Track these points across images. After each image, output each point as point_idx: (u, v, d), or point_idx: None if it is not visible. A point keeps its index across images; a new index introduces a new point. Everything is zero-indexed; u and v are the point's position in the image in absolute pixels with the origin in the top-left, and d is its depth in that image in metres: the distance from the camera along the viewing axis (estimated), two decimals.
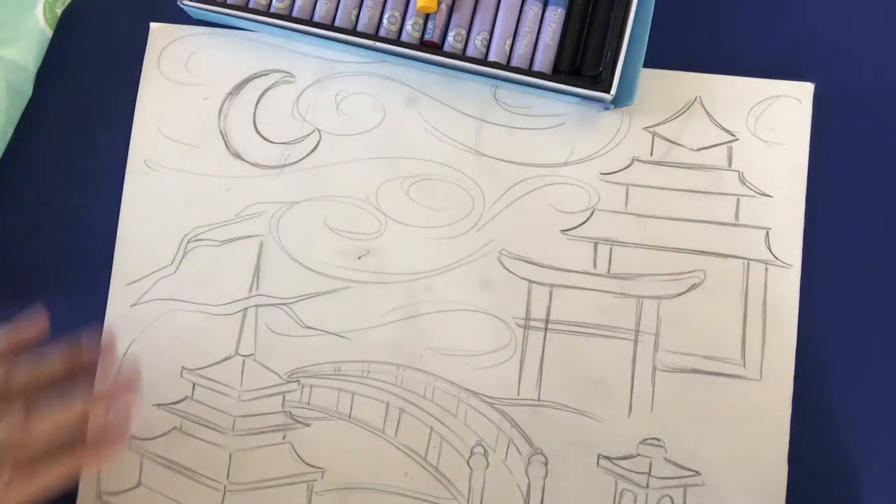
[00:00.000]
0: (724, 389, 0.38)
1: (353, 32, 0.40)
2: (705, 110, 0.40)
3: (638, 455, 0.38)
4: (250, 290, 0.41)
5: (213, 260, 0.41)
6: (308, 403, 0.40)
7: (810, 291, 0.39)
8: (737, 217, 0.40)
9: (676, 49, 0.41)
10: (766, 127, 0.40)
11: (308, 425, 0.39)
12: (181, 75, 0.43)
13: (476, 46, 0.40)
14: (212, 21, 0.42)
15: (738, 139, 0.40)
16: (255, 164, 0.42)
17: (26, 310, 0.41)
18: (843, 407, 0.38)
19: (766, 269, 0.39)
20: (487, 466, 0.39)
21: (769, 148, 0.40)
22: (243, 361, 0.40)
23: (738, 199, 0.40)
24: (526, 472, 0.38)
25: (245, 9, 0.40)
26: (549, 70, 0.39)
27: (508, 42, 0.40)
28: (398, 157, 0.41)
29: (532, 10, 0.40)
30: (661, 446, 0.38)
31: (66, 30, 0.44)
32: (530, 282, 0.40)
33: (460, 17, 0.40)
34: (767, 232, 0.39)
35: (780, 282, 0.39)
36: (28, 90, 0.43)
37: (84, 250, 0.42)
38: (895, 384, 0.38)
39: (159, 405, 0.40)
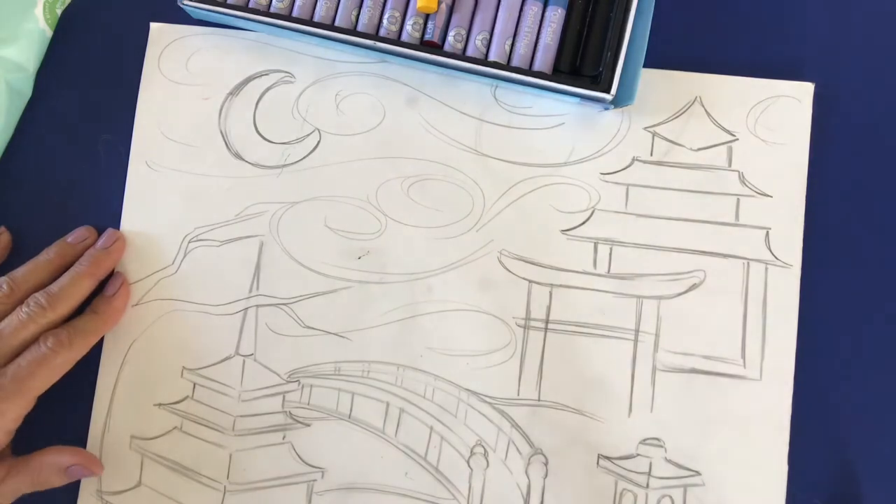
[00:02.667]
0: (724, 389, 0.38)
1: (353, 32, 0.40)
2: (705, 110, 0.40)
3: (638, 455, 0.38)
4: (250, 290, 0.41)
5: (214, 260, 0.41)
6: (308, 403, 0.40)
7: (810, 291, 0.39)
8: (737, 217, 0.40)
9: (676, 49, 0.41)
10: (766, 127, 0.40)
11: (308, 425, 0.40)
12: (181, 75, 0.43)
13: (476, 46, 0.40)
14: (212, 21, 0.42)
15: (738, 139, 0.40)
16: (256, 164, 0.42)
17: None
18: (843, 407, 0.38)
19: (766, 269, 0.39)
20: (487, 466, 0.39)
21: (769, 148, 0.40)
22: (243, 361, 0.40)
23: (738, 199, 0.40)
24: (526, 472, 0.38)
25: (245, 9, 0.40)
26: (549, 70, 0.39)
27: (508, 42, 0.40)
28: (398, 157, 0.41)
29: (532, 10, 0.40)
30: (661, 446, 0.38)
31: (66, 30, 0.44)
32: (530, 282, 0.40)
33: (460, 17, 0.40)
34: (767, 232, 0.39)
35: (780, 282, 0.39)
36: (28, 90, 0.43)
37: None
38: (895, 384, 0.38)
39: (159, 405, 0.40)
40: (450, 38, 0.40)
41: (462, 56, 0.39)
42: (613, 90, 0.38)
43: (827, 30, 0.41)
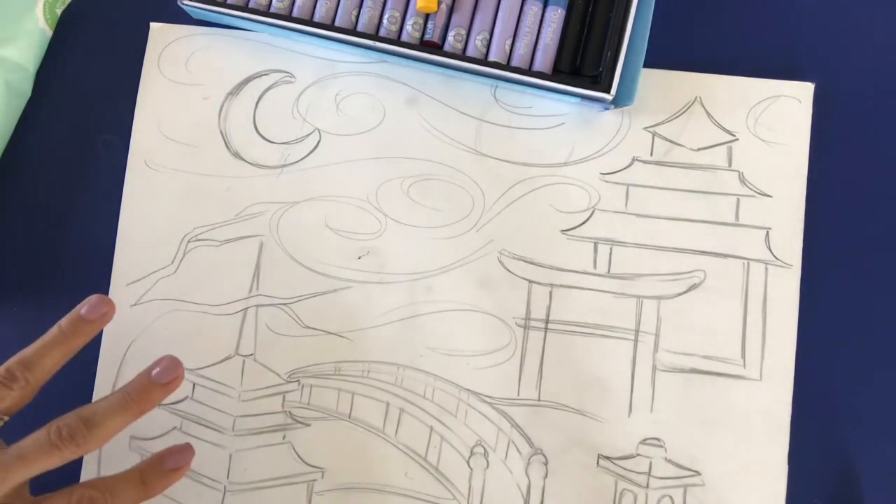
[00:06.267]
0: (724, 389, 0.38)
1: (353, 32, 0.40)
2: (705, 110, 0.40)
3: (638, 455, 0.38)
4: (250, 290, 0.41)
5: (213, 260, 0.41)
6: (308, 403, 0.40)
7: (810, 291, 0.39)
8: (737, 217, 0.40)
9: (676, 49, 0.41)
10: (766, 127, 0.40)
11: (308, 425, 0.39)
12: (181, 75, 0.43)
13: (476, 46, 0.40)
14: (212, 21, 0.42)
15: (738, 139, 0.40)
16: (255, 164, 0.42)
17: (26, 310, 0.41)
18: (843, 407, 0.38)
19: (766, 269, 0.39)
20: (487, 466, 0.39)
21: (769, 148, 0.40)
22: (243, 361, 0.40)
23: (738, 199, 0.40)
24: (526, 472, 0.38)
25: (245, 9, 0.40)
26: (549, 70, 0.39)
27: (508, 42, 0.40)
28: (398, 157, 0.41)
29: (532, 10, 0.40)
30: (661, 446, 0.38)
31: (66, 30, 0.44)
32: (530, 282, 0.40)
33: (460, 17, 0.40)
34: (767, 232, 0.39)
35: (780, 282, 0.39)
36: (28, 90, 0.43)
37: (84, 250, 0.42)
38: (895, 384, 0.38)
39: (159, 405, 0.40)
40: (450, 38, 0.40)
41: (462, 56, 0.39)
42: (613, 90, 0.38)
43: (827, 30, 0.41)
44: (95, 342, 0.40)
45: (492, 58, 0.40)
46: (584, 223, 0.40)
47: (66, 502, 0.33)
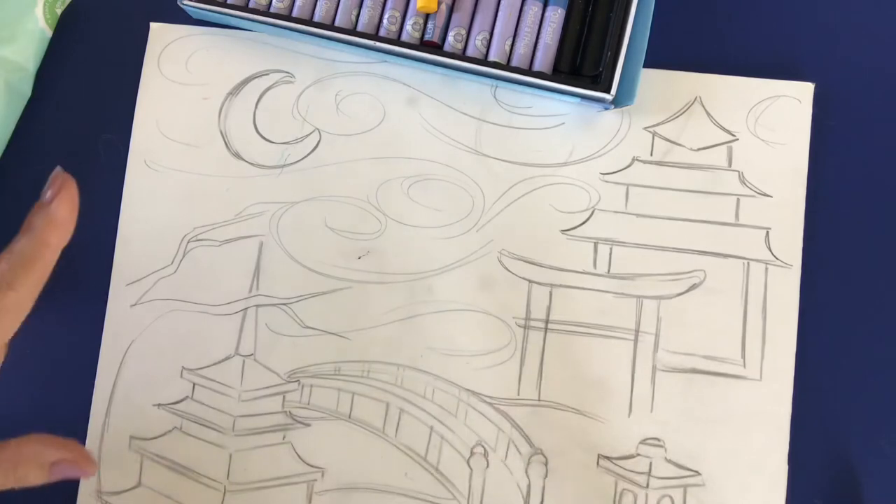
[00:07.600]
0: (724, 389, 0.38)
1: (353, 32, 0.40)
2: (705, 110, 0.40)
3: (638, 455, 0.38)
4: (250, 290, 0.41)
5: (213, 260, 0.41)
6: (308, 403, 0.40)
7: (810, 291, 0.39)
8: (737, 217, 0.40)
9: (676, 49, 0.41)
10: (766, 127, 0.40)
11: (308, 425, 0.39)
12: (181, 75, 0.43)
13: (476, 46, 0.40)
14: (212, 21, 0.42)
15: (738, 139, 0.40)
16: (255, 164, 0.42)
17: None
18: (843, 407, 0.38)
19: (766, 269, 0.39)
20: (487, 466, 0.39)
21: (769, 148, 0.40)
22: (243, 361, 0.40)
23: (738, 199, 0.40)
24: (526, 472, 0.38)
25: (245, 9, 0.40)
26: (549, 70, 0.39)
27: (508, 42, 0.40)
28: (398, 157, 0.41)
29: (532, 10, 0.40)
30: (661, 446, 0.38)
31: (66, 30, 0.44)
32: (530, 282, 0.40)
33: (460, 17, 0.40)
34: (767, 232, 0.39)
35: (780, 282, 0.39)
36: (28, 90, 0.43)
37: (84, 250, 0.42)
38: (895, 384, 0.38)
39: (159, 405, 0.40)
40: (450, 38, 0.40)
41: (462, 56, 0.39)
42: (613, 90, 0.38)
43: (827, 30, 0.41)
44: (95, 343, 0.40)
45: (492, 58, 0.40)
46: (584, 223, 0.40)
47: None
